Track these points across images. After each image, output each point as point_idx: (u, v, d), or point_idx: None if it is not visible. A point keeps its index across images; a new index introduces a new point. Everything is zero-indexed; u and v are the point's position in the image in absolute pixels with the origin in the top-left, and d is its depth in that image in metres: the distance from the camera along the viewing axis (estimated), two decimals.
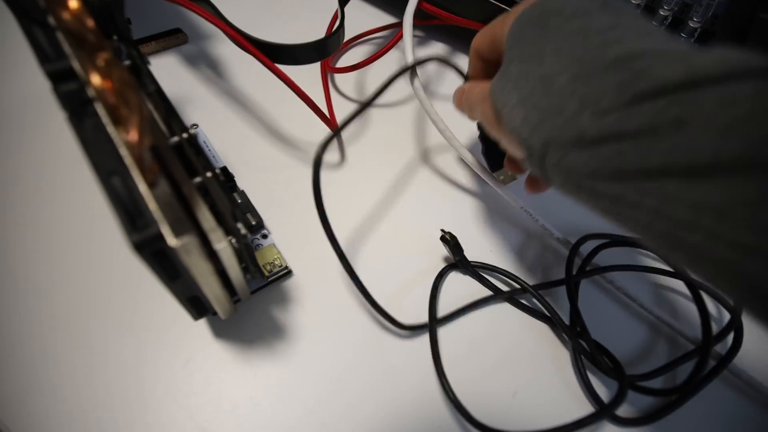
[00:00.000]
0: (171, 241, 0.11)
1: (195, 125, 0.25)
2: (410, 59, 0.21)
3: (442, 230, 0.21)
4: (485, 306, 0.20)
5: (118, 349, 0.18)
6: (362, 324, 0.19)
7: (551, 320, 0.19)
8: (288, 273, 0.20)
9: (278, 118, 0.26)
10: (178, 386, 0.17)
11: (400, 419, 0.17)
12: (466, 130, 0.25)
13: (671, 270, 0.21)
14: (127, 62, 0.17)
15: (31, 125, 0.24)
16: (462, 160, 0.24)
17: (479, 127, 0.23)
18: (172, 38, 0.29)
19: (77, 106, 0.13)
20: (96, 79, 0.13)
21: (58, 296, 0.19)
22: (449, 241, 0.20)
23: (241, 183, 0.23)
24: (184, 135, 0.16)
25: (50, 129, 0.24)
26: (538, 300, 0.20)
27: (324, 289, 0.20)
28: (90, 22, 0.14)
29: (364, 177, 0.24)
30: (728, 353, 0.19)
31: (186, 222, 0.12)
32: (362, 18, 0.32)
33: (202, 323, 0.18)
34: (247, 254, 0.16)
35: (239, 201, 0.21)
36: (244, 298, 0.17)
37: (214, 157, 0.24)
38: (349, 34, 0.31)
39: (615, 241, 0.22)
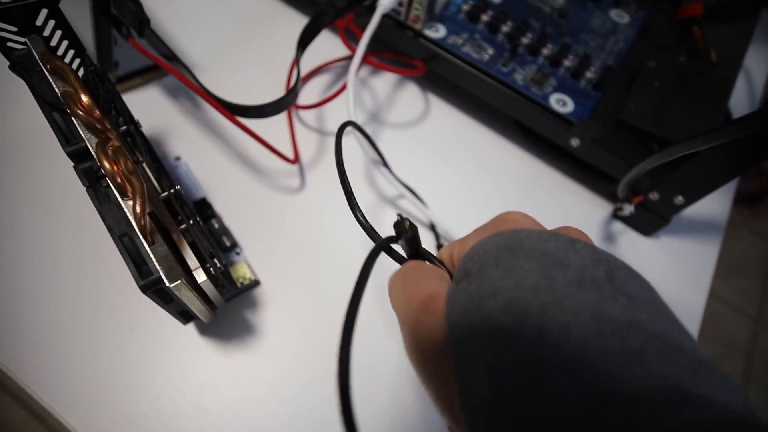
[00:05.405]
0: (167, 282, 0.17)
1: (178, 158, 0.30)
2: (352, 114, 0.26)
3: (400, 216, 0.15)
4: None
5: (126, 341, 0.23)
6: (314, 321, 0.25)
7: None
8: (257, 284, 0.26)
9: (249, 149, 0.31)
10: (173, 372, 0.23)
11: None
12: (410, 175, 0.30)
13: None
14: (123, 128, 0.22)
15: (36, 155, 0.29)
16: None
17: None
18: (154, 73, 0.33)
19: (93, 180, 0.19)
20: (107, 165, 0.18)
21: (82, 302, 0.24)
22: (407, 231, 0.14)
23: (218, 207, 0.28)
24: (172, 191, 0.21)
25: (52, 159, 0.29)
26: None
27: (285, 296, 0.26)
28: (97, 113, 0.19)
29: (322, 202, 0.30)
30: None
31: (177, 269, 0.17)
32: (323, 48, 0.37)
33: (191, 325, 0.24)
34: (222, 278, 0.22)
35: (217, 227, 0.27)
36: (220, 308, 0.23)
37: (195, 186, 0.29)
38: (312, 65, 0.35)
39: None
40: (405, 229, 0.14)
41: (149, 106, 0.32)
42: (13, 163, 0.28)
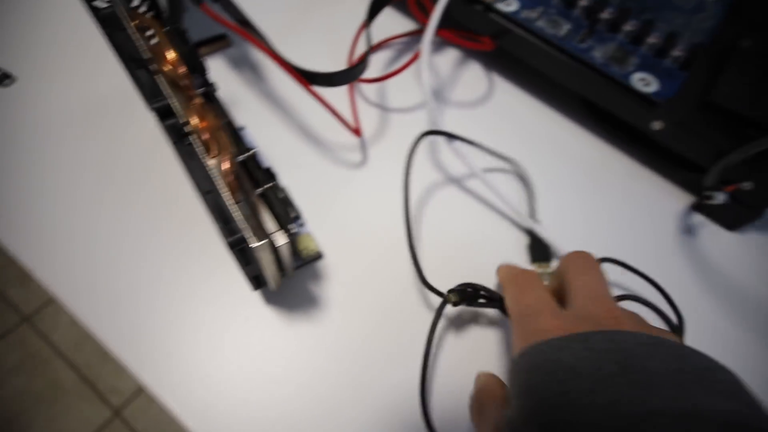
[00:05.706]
0: (252, 243, 0.16)
1: (242, 128, 0.29)
2: (426, 82, 0.25)
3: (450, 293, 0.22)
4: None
5: (197, 303, 0.24)
6: (376, 297, 0.25)
7: None
8: (320, 256, 0.26)
9: (311, 122, 0.31)
10: (240, 337, 0.23)
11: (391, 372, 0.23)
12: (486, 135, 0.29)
13: None
14: (201, 89, 0.22)
15: (115, 118, 0.29)
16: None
17: None
18: (219, 43, 0.33)
19: (178, 136, 0.18)
20: (194, 120, 0.18)
21: (157, 262, 0.24)
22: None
23: (282, 178, 0.28)
24: (248, 153, 0.21)
25: (131, 122, 0.29)
26: None
27: (347, 270, 0.26)
28: (183, 69, 0.19)
29: (385, 178, 0.29)
30: None
31: (261, 230, 0.17)
32: (384, 25, 0.36)
33: (257, 293, 0.24)
34: (294, 245, 0.21)
35: (281, 197, 0.27)
36: (289, 275, 0.23)
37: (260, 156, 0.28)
38: (374, 39, 0.35)
39: None
40: (453, 303, 0.21)
41: (214, 77, 0.32)
42: (93, 128, 0.29)
